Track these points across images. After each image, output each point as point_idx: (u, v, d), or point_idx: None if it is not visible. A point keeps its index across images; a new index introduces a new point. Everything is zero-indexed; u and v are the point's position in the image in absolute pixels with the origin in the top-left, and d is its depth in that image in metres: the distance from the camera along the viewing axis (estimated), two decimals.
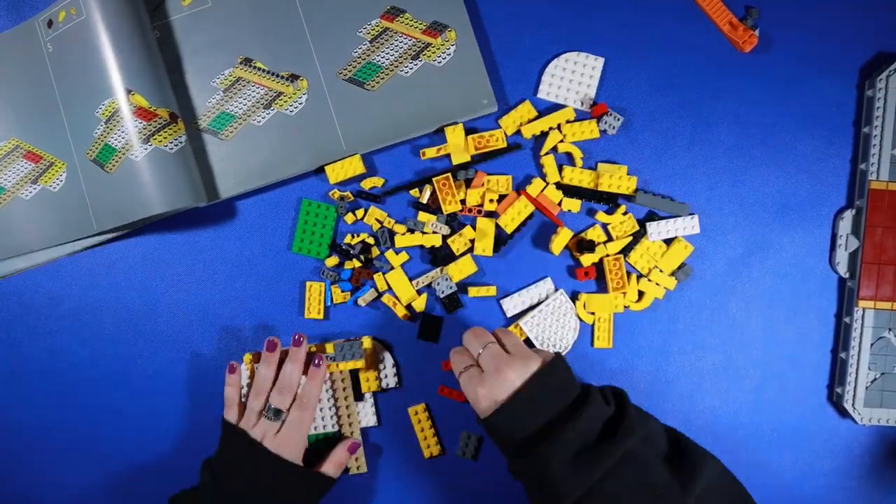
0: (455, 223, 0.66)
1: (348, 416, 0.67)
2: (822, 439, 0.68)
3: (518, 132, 0.66)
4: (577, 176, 0.65)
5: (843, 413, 0.67)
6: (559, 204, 0.66)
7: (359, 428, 0.67)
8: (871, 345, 0.66)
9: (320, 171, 0.67)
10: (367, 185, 0.67)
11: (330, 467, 0.64)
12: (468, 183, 0.66)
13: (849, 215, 0.66)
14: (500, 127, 0.66)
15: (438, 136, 0.67)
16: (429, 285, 0.67)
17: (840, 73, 0.66)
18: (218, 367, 0.68)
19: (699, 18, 0.66)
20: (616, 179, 0.65)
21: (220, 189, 0.66)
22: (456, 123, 0.65)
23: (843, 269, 0.67)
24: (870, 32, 0.66)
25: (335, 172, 0.65)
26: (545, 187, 0.66)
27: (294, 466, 0.61)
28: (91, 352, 0.69)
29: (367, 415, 0.67)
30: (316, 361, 0.64)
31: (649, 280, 0.66)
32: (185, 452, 0.69)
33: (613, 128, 0.65)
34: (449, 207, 0.65)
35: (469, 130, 0.66)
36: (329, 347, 0.65)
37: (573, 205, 0.66)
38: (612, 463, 0.50)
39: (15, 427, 0.69)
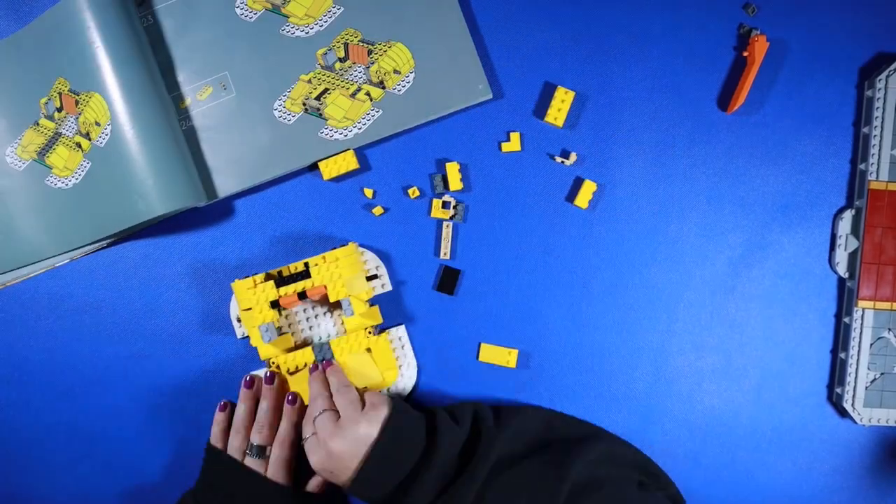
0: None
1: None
2: (822, 439, 0.68)
3: None
4: None
5: (843, 413, 0.67)
6: None
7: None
8: (871, 345, 0.66)
9: (315, 167, 0.67)
10: (368, 192, 0.67)
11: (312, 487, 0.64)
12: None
13: (848, 215, 0.66)
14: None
15: (437, 127, 0.67)
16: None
17: (839, 73, 0.66)
18: (217, 367, 0.68)
19: (697, 16, 0.66)
20: None
21: (218, 188, 0.66)
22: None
23: (842, 270, 0.67)
24: (869, 32, 0.66)
25: (328, 169, 0.65)
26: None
27: (287, 489, 0.61)
28: (91, 352, 0.69)
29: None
30: (289, 398, 0.63)
31: None
32: (185, 453, 0.69)
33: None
34: None
35: (466, 121, 0.66)
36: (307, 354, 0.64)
37: None
38: (475, 493, 0.54)
39: (15, 427, 0.70)
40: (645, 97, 0.67)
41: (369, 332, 0.65)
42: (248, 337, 0.65)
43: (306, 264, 0.64)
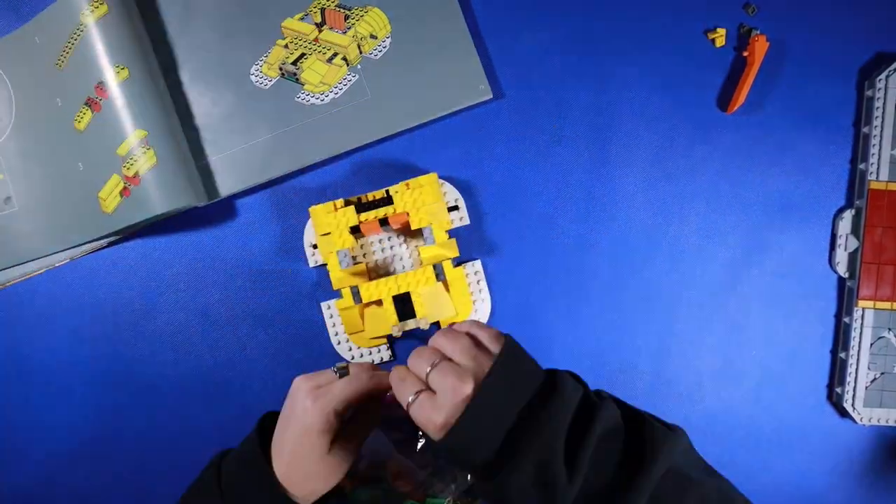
0: None
1: None
2: (822, 439, 0.68)
3: None
4: None
5: (843, 413, 0.67)
6: None
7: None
8: (871, 345, 0.66)
9: (317, 166, 0.67)
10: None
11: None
12: None
13: (848, 215, 0.66)
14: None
15: (437, 126, 0.67)
16: None
17: (840, 73, 0.66)
18: (218, 366, 0.68)
19: (697, 16, 0.66)
20: None
21: (220, 188, 0.66)
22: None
23: (842, 269, 0.67)
24: (869, 32, 0.66)
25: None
26: None
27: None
28: (91, 352, 0.69)
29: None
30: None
31: None
32: (185, 452, 0.69)
33: None
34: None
35: (465, 121, 0.66)
36: None
37: None
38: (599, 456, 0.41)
39: (15, 426, 0.69)
40: (645, 97, 0.67)
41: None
42: (322, 265, 0.63)
43: (387, 191, 0.62)
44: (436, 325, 0.66)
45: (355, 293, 0.62)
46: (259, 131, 0.66)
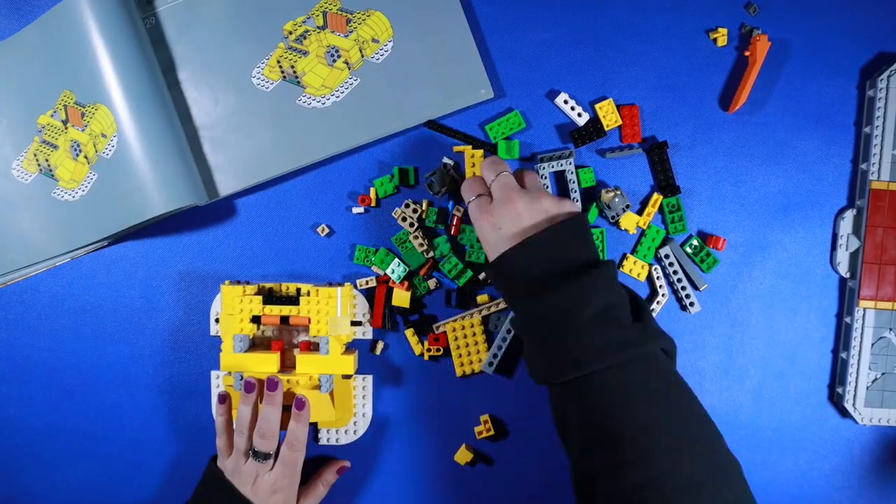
0: None
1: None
2: (823, 439, 0.68)
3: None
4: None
5: (844, 413, 0.67)
6: None
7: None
8: (872, 345, 0.66)
9: (319, 165, 0.67)
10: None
11: (319, 488, 0.65)
12: None
13: (850, 215, 0.66)
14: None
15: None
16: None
17: (841, 73, 0.66)
18: (218, 365, 0.68)
19: (699, 16, 0.66)
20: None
21: (220, 187, 0.66)
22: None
23: (843, 269, 0.67)
24: (870, 32, 0.66)
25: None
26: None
27: None
28: (91, 351, 0.69)
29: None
30: (299, 403, 0.62)
31: None
32: (185, 452, 0.69)
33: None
34: None
35: (467, 120, 0.66)
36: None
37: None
38: (639, 352, 0.49)
39: (15, 426, 0.69)
40: (646, 96, 0.67)
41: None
42: (219, 337, 0.64)
43: (298, 290, 0.63)
44: (313, 426, 0.67)
45: (239, 377, 0.62)
46: (260, 132, 0.66)
